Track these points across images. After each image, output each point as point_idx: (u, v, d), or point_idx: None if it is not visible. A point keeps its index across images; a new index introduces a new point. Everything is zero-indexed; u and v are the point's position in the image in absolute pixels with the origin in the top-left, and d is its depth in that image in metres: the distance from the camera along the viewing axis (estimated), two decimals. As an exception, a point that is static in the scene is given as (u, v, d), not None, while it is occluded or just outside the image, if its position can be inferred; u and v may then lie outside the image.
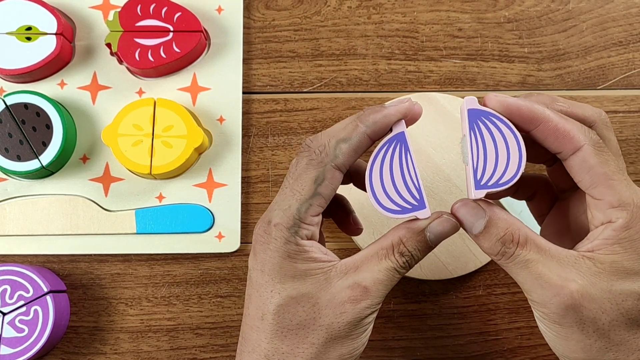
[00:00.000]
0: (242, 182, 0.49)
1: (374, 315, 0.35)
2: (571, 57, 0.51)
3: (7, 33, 0.48)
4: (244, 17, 0.51)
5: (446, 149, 0.48)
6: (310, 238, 0.35)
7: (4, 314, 0.44)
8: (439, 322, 0.48)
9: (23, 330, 0.44)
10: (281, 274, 0.34)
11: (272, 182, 0.49)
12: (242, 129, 0.49)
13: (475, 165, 0.34)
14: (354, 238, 0.47)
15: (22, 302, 0.44)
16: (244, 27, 0.51)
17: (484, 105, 0.34)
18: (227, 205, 0.48)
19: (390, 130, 0.35)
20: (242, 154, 0.49)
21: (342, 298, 0.34)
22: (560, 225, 0.39)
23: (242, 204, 0.49)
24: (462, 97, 0.49)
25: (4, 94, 0.48)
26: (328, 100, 0.50)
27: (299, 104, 0.50)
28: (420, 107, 0.36)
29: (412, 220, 0.35)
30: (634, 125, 0.50)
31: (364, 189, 0.35)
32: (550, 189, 0.40)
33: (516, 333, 0.48)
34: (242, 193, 0.49)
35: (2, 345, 0.43)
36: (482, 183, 0.34)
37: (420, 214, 0.34)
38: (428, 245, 0.35)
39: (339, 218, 0.42)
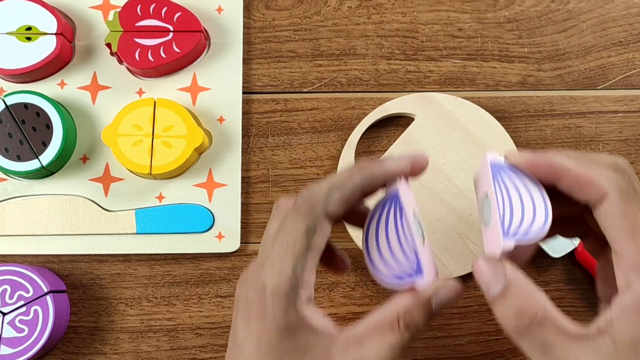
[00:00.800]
0: (242, 182, 0.49)
1: None
2: (571, 57, 0.51)
3: (7, 33, 0.48)
4: (244, 17, 0.51)
5: (446, 149, 0.48)
6: (309, 299, 0.31)
7: (4, 314, 0.44)
8: (439, 322, 0.48)
9: (23, 330, 0.44)
10: (280, 351, 0.31)
11: (272, 182, 0.49)
12: (242, 129, 0.49)
13: (502, 215, 0.31)
14: (355, 238, 0.47)
15: (22, 302, 0.44)
16: (244, 27, 0.51)
17: (505, 160, 0.33)
18: (227, 205, 0.48)
19: (384, 185, 0.33)
20: (242, 154, 0.49)
21: None
22: (608, 274, 0.33)
23: (242, 204, 0.49)
24: (462, 97, 0.49)
25: (4, 94, 0.48)
26: (328, 100, 0.50)
27: (299, 104, 0.50)
28: (426, 159, 0.33)
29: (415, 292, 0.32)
30: (634, 125, 0.50)
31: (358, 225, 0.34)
32: None
33: (516, 333, 0.48)
34: (242, 193, 0.49)
35: (2, 345, 0.43)
36: (510, 234, 0.31)
37: (418, 283, 0.32)
38: (432, 314, 0.32)
39: (324, 257, 0.37)
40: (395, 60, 0.51)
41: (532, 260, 0.48)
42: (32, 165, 0.46)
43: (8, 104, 0.47)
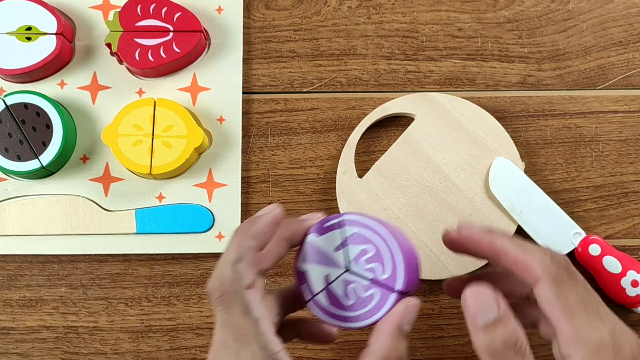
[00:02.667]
0: (242, 182, 0.49)
1: None
2: (571, 57, 0.51)
3: (7, 33, 0.48)
4: (244, 17, 0.51)
5: (446, 149, 0.48)
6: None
7: (348, 271, 0.36)
8: (439, 322, 0.48)
9: (349, 299, 0.36)
10: None
11: (272, 182, 0.49)
12: (242, 129, 0.49)
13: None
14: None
15: (371, 276, 0.36)
16: (244, 27, 0.51)
17: (457, 231, 0.35)
18: (227, 205, 0.48)
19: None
20: (242, 154, 0.49)
21: None
22: None
23: (242, 204, 0.49)
24: (462, 97, 0.49)
25: (4, 94, 0.48)
26: (328, 100, 0.50)
27: (299, 104, 0.50)
28: (279, 211, 0.35)
29: (385, 322, 0.34)
30: (634, 125, 0.50)
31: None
32: None
33: (516, 333, 0.48)
34: (242, 193, 0.49)
35: (323, 295, 0.36)
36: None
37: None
38: (407, 337, 0.34)
39: (306, 334, 0.39)
40: (395, 60, 0.51)
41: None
42: (32, 165, 0.46)
43: (8, 104, 0.47)
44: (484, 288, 0.32)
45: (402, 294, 0.34)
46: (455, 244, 0.36)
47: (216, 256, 0.48)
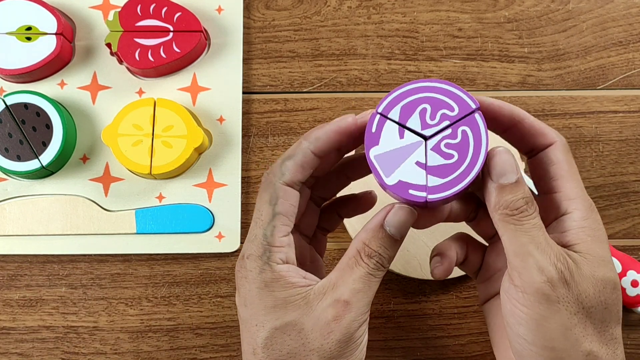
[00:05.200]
0: (242, 182, 0.49)
1: (364, 327, 0.34)
2: (571, 57, 0.51)
3: (7, 33, 0.48)
4: (244, 17, 0.51)
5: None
6: (286, 261, 0.34)
7: (426, 139, 0.35)
8: (439, 322, 0.48)
9: (452, 156, 0.35)
10: (262, 306, 0.34)
11: (272, 182, 0.49)
12: (242, 129, 0.49)
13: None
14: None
15: (446, 123, 0.35)
16: (244, 27, 0.51)
17: (481, 101, 0.35)
18: (227, 205, 0.48)
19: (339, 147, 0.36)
20: (242, 154, 0.49)
21: (326, 318, 0.33)
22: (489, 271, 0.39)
23: (242, 204, 0.49)
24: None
25: (4, 94, 0.48)
26: (328, 100, 0.50)
27: (299, 104, 0.50)
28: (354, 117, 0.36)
29: (370, 221, 0.35)
30: (634, 125, 0.50)
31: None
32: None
33: (516, 333, 0.48)
34: (242, 193, 0.49)
35: (429, 176, 0.35)
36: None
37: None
38: (393, 239, 0.35)
39: (348, 211, 0.41)
40: (395, 60, 0.51)
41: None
42: (32, 165, 0.46)
43: (8, 104, 0.47)
44: (505, 151, 0.34)
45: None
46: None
47: (216, 256, 0.48)
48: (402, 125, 0.34)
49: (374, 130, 0.34)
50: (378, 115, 0.34)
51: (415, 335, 0.48)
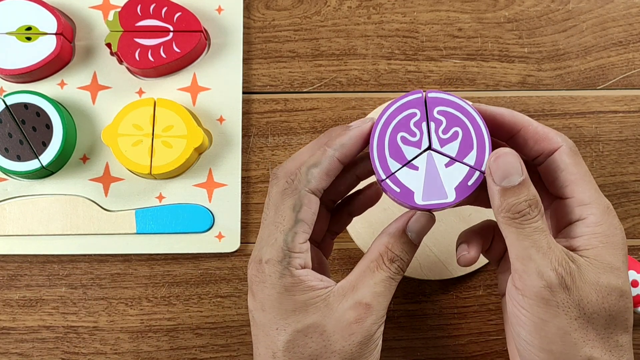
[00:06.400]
0: (242, 182, 0.49)
1: (382, 328, 0.35)
2: (571, 57, 0.51)
3: (7, 33, 0.48)
4: (244, 17, 0.51)
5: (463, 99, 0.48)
6: (304, 266, 0.35)
7: (430, 148, 0.36)
8: (439, 322, 0.48)
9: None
10: (282, 309, 0.34)
11: (272, 182, 0.49)
12: (242, 129, 0.49)
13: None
14: (355, 238, 0.47)
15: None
16: (244, 27, 0.51)
17: (478, 107, 0.36)
18: (227, 205, 0.48)
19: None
20: (242, 154, 0.49)
21: (347, 320, 0.34)
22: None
23: (242, 204, 0.49)
24: (462, 97, 0.49)
25: (4, 94, 0.48)
26: (328, 100, 0.50)
27: (299, 104, 0.50)
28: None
29: (390, 225, 0.36)
30: (634, 125, 0.50)
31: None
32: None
33: (516, 333, 0.48)
34: (242, 193, 0.49)
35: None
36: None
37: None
38: (412, 245, 0.36)
39: (357, 209, 0.41)
40: (395, 60, 0.51)
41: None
42: (32, 165, 0.46)
43: (8, 104, 0.47)
44: (510, 152, 0.33)
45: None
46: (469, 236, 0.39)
47: (216, 256, 0.48)
48: (406, 164, 0.35)
49: (383, 177, 0.35)
50: (385, 180, 0.35)
51: (415, 335, 0.48)
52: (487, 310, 0.48)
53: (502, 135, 0.36)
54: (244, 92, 0.50)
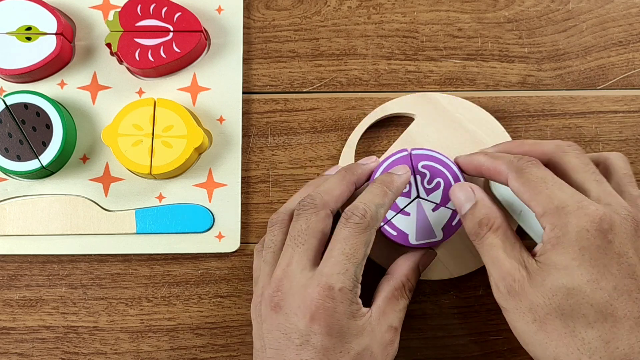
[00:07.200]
0: (242, 182, 0.49)
1: None
2: (571, 57, 0.51)
3: (7, 33, 0.48)
4: (244, 17, 0.51)
5: (446, 149, 0.48)
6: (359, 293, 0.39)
7: (419, 197, 0.44)
8: (439, 322, 0.48)
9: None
10: (348, 334, 0.37)
11: (272, 182, 0.49)
12: (242, 129, 0.49)
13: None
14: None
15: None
16: (244, 27, 0.51)
17: (455, 161, 0.44)
18: (227, 205, 0.48)
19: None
20: (242, 154, 0.49)
21: (385, 342, 0.39)
22: None
23: (242, 204, 0.49)
24: (462, 97, 0.49)
25: (4, 94, 0.48)
26: (328, 100, 0.50)
27: (299, 104, 0.50)
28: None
29: (408, 257, 0.43)
30: (634, 125, 0.50)
31: None
32: None
33: (516, 333, 0.48)
34: (242, 193, 0.49)
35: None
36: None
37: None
38: (420, 275, 0.43)
39: None
40: (395, 60, 0.51)
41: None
42: (32, 165, 0.46)
43: (8, 104, 0.47)
44: (456, 186, 0.41)
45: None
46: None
47: (216, 256, 0.48)
48: (399, 211, 0.43)
49: (381, 224, 0.42)
50: (383, 226, 0.43)
51: (415, 335, 0.48)
52: (487, 310, 0.48)
53: (474, 175, 0.43)
54: (244, 92, 0.50)
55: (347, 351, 0.37)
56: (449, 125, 0.48)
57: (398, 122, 0.50)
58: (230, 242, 0.48)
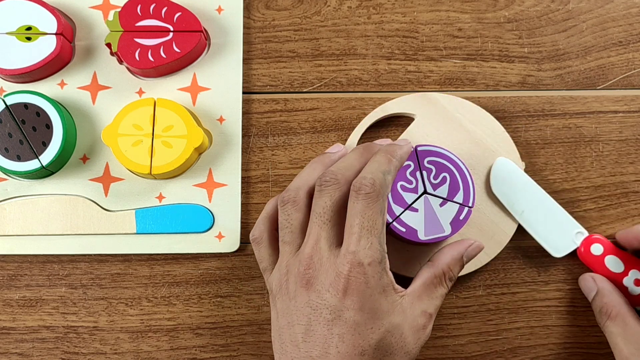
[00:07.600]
0: (242, 182, 0.49)
1: None
2: (571, 57, 0.51)
3: (7, 33, 0.48)
4: (244, 17, 0.51)
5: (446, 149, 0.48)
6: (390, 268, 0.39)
7: (426, 192, 0.44)
8: (439, 322, 0.48)
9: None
10: (379, 310, 0.37)
11: (272, 182, 0.49)
12: (242, 129, 0.49)
13: None
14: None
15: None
16: (244, 27, 0.51)
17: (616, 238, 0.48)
18: (227, 205, 0.48)
19: None
20: (242, 154, 0.49)
21: (417, 326, 0.39)
22: None
23: (242, 204, 0.49)
24: (462, 97, 0.49)
25: (4, 94, 0.48)
26: (328, 100, 0.50)
27: (299, 104, 0.50)
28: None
29: (453, 247, 0.42)
30: (634, 125, 0.50)
31: None
32: None
33: (516, 333, 0.48)
34: (242, 193, 0.49)
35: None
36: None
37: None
38: (463, 267, 0.42)
39: None
40: (395, 60, 0.51)
41: (533, 260, 0.48)
42: (32, 165, 0.46)
43: (8, 104, 0.47)
44: (587, 275, 0.46)
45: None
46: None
47: (216, 256, 0.48)
48: (407, 207, 0.43)
49: (390, 221, 0.43)
50: (392, 223, 0.43)
51: (416, 335, 0.48)
52: (487, 310, 0.48)
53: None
54: (244, 92, 0.50)
55: (377, 327, 0.37)
56: (448, 125, 0.48)
57: (398, 122, 0.50)
58: (230, 242, 0.48)
